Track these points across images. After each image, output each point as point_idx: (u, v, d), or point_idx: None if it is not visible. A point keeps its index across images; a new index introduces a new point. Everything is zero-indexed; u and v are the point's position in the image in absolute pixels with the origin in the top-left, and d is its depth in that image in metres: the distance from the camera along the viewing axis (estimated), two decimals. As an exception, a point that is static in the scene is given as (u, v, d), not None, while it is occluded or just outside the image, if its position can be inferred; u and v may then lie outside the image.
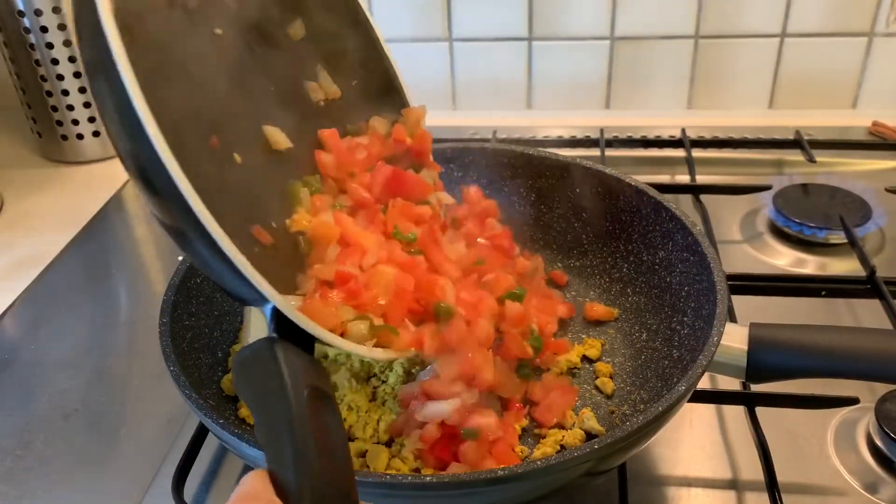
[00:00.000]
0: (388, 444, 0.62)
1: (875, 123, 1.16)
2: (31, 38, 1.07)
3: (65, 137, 1.16)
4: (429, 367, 0.62)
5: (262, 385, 0.43)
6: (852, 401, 0.65)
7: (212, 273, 0.48)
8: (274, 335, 0.46)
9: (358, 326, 0.54)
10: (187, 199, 0.42)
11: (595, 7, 1.18)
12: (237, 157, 0.53)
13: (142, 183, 0.44)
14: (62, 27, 1.07)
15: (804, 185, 0.98)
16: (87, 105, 1.14)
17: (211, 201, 0.44)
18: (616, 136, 1.14)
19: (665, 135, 1.15)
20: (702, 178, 1.02)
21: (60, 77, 1.10)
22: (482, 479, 0.48)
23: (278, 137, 0.57)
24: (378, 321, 0.55)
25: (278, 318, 0.47)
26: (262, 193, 0.56)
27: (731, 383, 0.69)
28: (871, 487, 0.62)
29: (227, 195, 0.50)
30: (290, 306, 0.48)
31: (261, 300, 0.47)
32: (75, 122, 1.15)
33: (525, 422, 0.65)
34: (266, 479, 0.39)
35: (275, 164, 0.57)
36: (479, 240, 0.70)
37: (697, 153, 1.08)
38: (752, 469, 0.63)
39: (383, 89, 0.68)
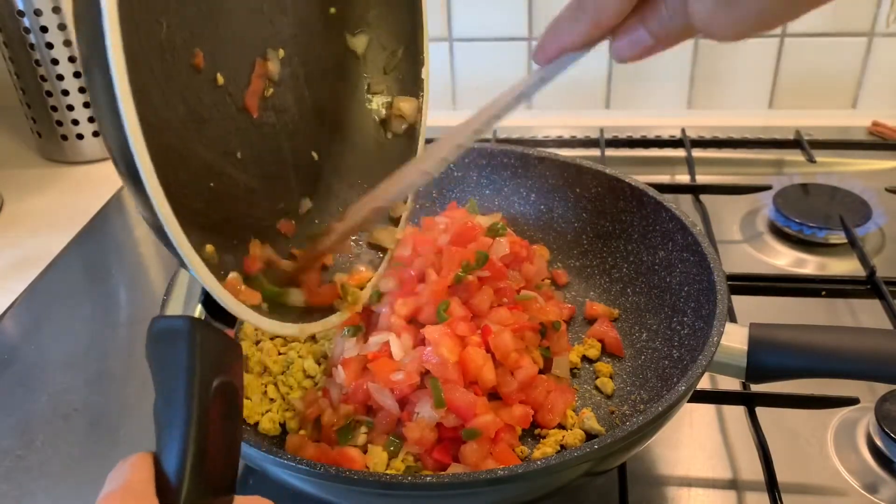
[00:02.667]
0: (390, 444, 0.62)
1: (875, 123, 1.16)
2: (31, 38, 1.07)
3: (65, 137, 1.16)
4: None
5: (170, 366, 0.41)
6: (852, 401, 0.65)
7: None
8: (197, 313, 0.44)
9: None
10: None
11: (595, 7, 1.17)
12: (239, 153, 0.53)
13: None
14: (62, 27, 1.07)
15: (804, 185, 0.98)
16: (86, 105, 1.14)
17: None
18: (616, 136, 1.14)
19: (665, 135, 1.15)
20: (702, 178, 1.02)
21: (60, 77, 1.10)
22: (482, 479, 0.48)
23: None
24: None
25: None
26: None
27: (731, 383, 0.69)
28: (871, 487, 0.62)
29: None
30: (216, 285, 0.44)
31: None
32: (75, 122, 1.15)
33: (525, 422, 0.65)
34: (150, 468, 0.39)
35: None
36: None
37: (697, 153, 1.08)
38: (752, 469, 0.63)
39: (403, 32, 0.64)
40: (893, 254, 0.90)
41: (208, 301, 0.44)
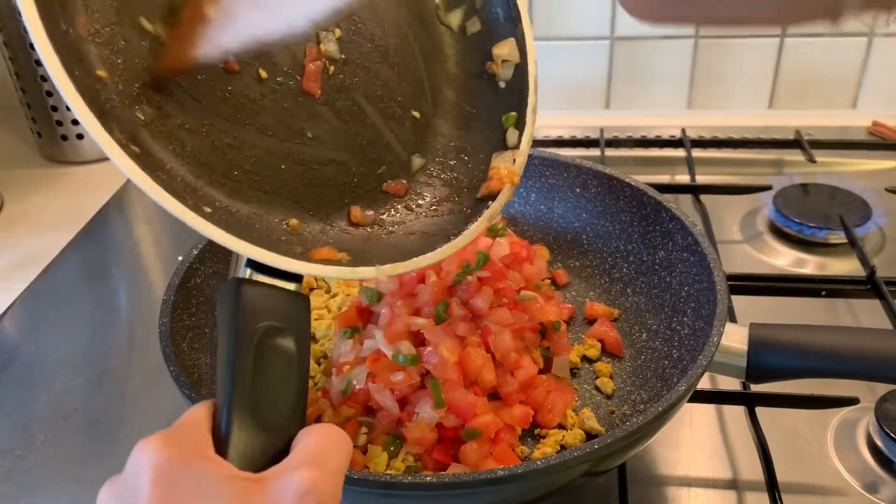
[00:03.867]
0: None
1: (875, 123, 1.16)
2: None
3: (65, 137, 1.16)
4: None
5: (222, 322, 0.44)
6: (852, 401, 0.65)
7: None
8: (244, 274, 0.45)
9: None
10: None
11: (595, 7, 1.18)
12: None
13: None
14: (62, 27, 1.07)
15: (804, 185, 0.98)
16: (87, 105, 1.13)
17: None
18: (616, 136, 1.14)
19: (665, 135, 1.15)
20: (702, 178, 1.02)
21: (60, 77, 1.10)
22: (482, 479, 0.48)
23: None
24: None
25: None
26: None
27: (731, 383, 0.69)
28: (871, 487, 0.62)
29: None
30: (252, 249, 0.44)
31: None
32: (75, 122, 1.15)
33: (525, 422, 0.65)
34: (209, 412, 0.41)
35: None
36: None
37: (697, 153, 1.08)
38: (752, 469, 0.63)
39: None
40: (893, 254, 0.90)
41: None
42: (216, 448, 0.39)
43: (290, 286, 0.46)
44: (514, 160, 0.57)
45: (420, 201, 0.58)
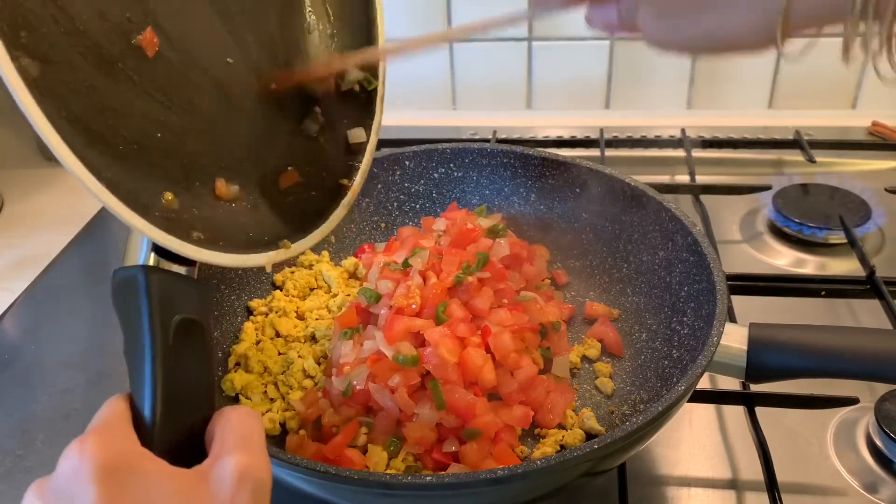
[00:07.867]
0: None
1: (875, 123, 1.16)
2: (31, 38, 1.07)
3: (65, 137, 1.16)
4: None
5: (131, 313, 0.44)
6: (852, 401, 0.65)
7: None
8: (149, 260, 0.45)
9: None
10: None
11: (595, 7, 1.17)
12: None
13: None
14: (62, 27, 1.07)
15: (804, 185, 0.98)
16: (86, 105, 1.14)
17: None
18: (616, 136, 1.14)
19: (665, 135, 1.15)
20: (702, 178, 1.02)
21: (60, 77, 1.10)
22: (482, 479, 0.48)
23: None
24: None
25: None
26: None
27: (731, 383, 0.69)
28: (871, 487, 0.62)
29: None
30: (149, 227, 0.44)
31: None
32: (75, 122, 1.15)
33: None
34: (125, 406, 0.43)
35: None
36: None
37: (697, 153, 1.08)
38: (752, 469, 0.63)
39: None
40: (893, 254, 0.90)
41: (159, 246, 0.45)
42: (142, 442, 0.40)
43: (183, 270, 0.46)
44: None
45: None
